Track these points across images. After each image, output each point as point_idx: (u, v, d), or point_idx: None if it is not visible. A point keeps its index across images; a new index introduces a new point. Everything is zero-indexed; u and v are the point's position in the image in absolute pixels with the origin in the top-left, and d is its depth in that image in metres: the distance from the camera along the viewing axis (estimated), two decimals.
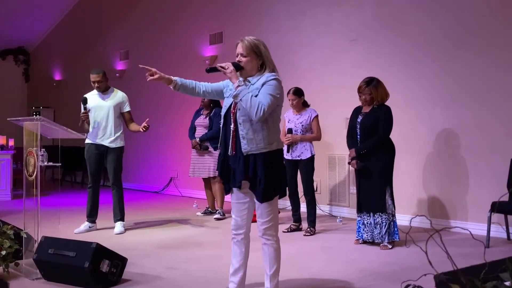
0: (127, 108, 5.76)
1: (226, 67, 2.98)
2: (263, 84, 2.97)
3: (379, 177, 4.80)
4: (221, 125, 3.14)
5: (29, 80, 14.22)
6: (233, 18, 8.23)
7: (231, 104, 3.05)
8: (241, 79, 2.99)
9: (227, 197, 4.33)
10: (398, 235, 4.81)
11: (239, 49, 3.05)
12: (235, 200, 3.17)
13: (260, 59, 3.05)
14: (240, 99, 2.91)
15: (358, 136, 4.90)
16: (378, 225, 4.80)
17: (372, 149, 4.80)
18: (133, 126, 5.74)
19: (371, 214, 4.84)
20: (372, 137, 4.81)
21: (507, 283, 1.51)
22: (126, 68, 10.61)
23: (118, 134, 5.67)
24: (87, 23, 11.77)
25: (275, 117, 3.06)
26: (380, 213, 4.79)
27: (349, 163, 5.05)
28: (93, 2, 11.55)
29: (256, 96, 2.92)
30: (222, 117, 3.11)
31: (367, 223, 4.88)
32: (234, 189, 3.14)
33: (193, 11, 9.01)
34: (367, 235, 4.88)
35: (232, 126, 3.03)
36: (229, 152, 3.04)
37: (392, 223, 4.79)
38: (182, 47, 9.16)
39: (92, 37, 11.58)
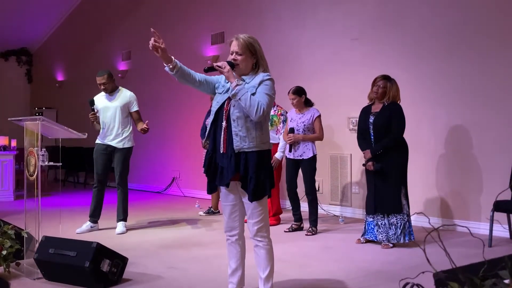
0: (134, 108, 5.74)
1: (223, 66, 2.94)
2: (260, 83, 2.95)
3: (394, 178, 4.74)
4: (209, 121, 3.05)
5: (32, 81, 14.26)
6: (235, 18, 8.22)
7: (225, 101, 3.01)
8: (238, 78, 2.96)
9: None
10: (413, 235, 4.77)
11: (234, 47, 3.00)
12: (226, 202, 3.14)
13: (254, 58, 3.02)
14: (239, 98, 2.88)
15: (372, 137, 4.83)
16: (393, 226, 4.74)
17: (388, 148, 4.73)
18: (140, 126, 5.70)
19: (385, 215, 4.78)
20: (386, 137, 4.74)
21: (506, 281, 1.50)
22: (128, 68, 10.63)
23: (126, 134, 5.67)
24: (89, 23, 11.80)
25: (268, 117, 3.04)
26: (395, 214, 4.74)
27: (364, 165, 4.96)
28: (95, 3, 11.58)
29: (253, 94, 2.91)
30: (213, 113, 3.04)
31: (381, 224, 4.80)
32: (224, 191, 3.11)
33: (194, 11, 9.01)
34: (381, 236, 4.79)
35: (224, 123, 2.97)
36: (220, 150, 2.98)
37: (407, 223, 4.75)
38: (184, 47, 9.15)
39: (94, 37, 11.60)
